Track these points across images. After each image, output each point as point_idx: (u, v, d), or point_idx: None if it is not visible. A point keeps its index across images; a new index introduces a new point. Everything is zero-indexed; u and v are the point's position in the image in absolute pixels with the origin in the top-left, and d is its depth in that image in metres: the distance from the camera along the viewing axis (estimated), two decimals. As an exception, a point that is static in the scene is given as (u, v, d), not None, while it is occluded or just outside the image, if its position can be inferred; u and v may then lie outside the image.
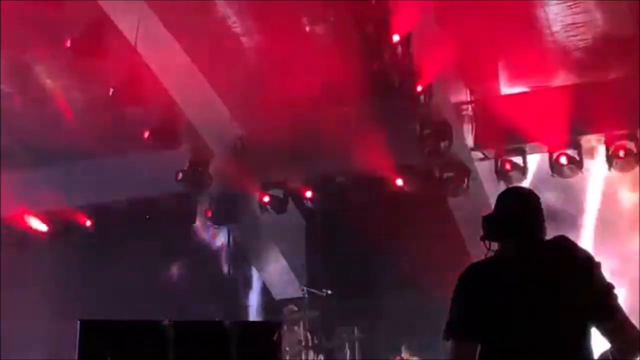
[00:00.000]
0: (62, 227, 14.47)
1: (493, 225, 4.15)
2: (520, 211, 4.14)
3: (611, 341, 3.97)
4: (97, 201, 14.17)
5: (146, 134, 12.56)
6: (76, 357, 5.32)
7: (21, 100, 13.46)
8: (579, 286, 3.94)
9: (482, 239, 4.14)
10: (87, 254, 14.42)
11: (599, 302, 3.96)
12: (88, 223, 14.28)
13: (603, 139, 11.72)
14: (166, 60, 12.26)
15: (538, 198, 4.22)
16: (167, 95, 12.43)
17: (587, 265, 4.02)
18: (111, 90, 11.98)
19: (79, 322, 5.39)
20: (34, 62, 12.97)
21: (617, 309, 3.98)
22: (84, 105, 13.35)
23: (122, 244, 14.07)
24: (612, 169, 11.68)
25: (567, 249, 4.06)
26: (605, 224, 12.15)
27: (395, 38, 10.96)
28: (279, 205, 13.48)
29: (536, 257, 4.04)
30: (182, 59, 12.43)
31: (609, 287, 4.01)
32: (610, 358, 3.97)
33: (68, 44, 11.49)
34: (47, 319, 13.74)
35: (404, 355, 11.80)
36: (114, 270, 13.77)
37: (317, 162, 12.64)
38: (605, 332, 3.97)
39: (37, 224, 14.46)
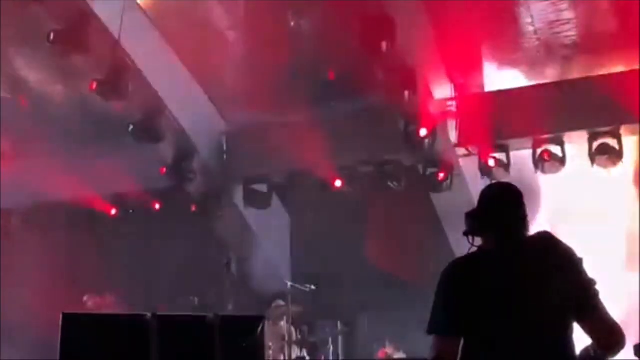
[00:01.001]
0: (44, 222, 14.39)
1: (476, 220, 4.16)
2: (502, 206, 4.15)
3: (592, 336, 3.99)
4: (80, 196, 14.09)
5: (130, 128, 12.49)
6: (58, 351, 5.29)
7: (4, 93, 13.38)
8: (561, 281, 3.95)
9: (465, 234, 4.16)
10: (71, 250, 14.34)
11: (580, 298, 3.97)
12: (69, 218, 14.18)
13: (586, 135, 11.78)
14: (150, 54, 12.22)
15: (520, 193, 4.23)
16: (151, 89, 12.38)
17: (569, 261, 4.04)
18: (94, 83, 11.91)
19: (61, 315, 5.35)
20: (16, 55, 12.88)
21: (598, 304, 4.00)
22: (66, 99, 13.30)
23: (106, 238, 14.05)
24: (595, 166, 11.74)
25: (550, 245, 4.07)
26: (590, 220, 12.21)
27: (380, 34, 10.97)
28: (263, 200, 13.47)
29: (519, 252, 4.05)
30: (166, 53, 12.39)
31: (591, 283, 4.02)
32: (591, 353, 4.00)
33: (51, 37, 11.41)
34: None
35: (388, 349, 11.83)
36: (96, 263, 13.74)
37: (301, 157, 12.63)
38: (586, 328, 3.99)
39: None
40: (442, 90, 12.32)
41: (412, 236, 12.59)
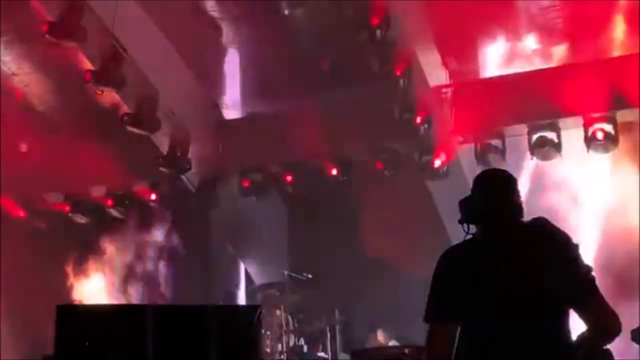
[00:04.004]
0: (41, 215, 14.36)
1: (470, 207, 4.15)
2: (497, 193, 4.14)
3: (587, 323, 4.00)
4: (76, 188, 14.07)
5: (125, 119, 12.44)
6: (54, 343, 5.26)
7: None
8: (557, 267, 3.95)
9: (461, 221, 4.15)
10: (69, 242, 14.33)
11: (577, 284, 3.97)
12: (68, 209, 14.13)
13: (582, 121, 11.77)
14: (144, 44, 12.17)
15: (515, 180, 4.22)
16: (145, 79, 12.34)
17: (566, 247, 4.03)
18: (88, 74, 11.86)
19: (56, 307, 5.33)
20: (8, 46, 12.82)
21: (594, 291, 4.00)
22: (61, 90, 13.26)
23: (102, 230, 14.05)
24: (590, 151, 11.73)
25: (546, 231, 4.07)
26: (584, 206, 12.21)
27: (374, 22, 10.95)
28: (259, 189, 13.45)
29: (514, 238, 4.05)
30: (160, 43, 12.34)
31: (587, 269, 4.02)
32: (587, 340, 3.99)
33: (45, 28, 11.34)
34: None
35: (380, 338, 11.82)
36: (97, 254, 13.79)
37: (298, 146, 12.62)
38: (582, 314, 4.00)
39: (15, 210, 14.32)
40: (438, 78, 12.28)
41: (408, 224, 12.58)
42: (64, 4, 11.34)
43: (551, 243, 4.02)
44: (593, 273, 4.02)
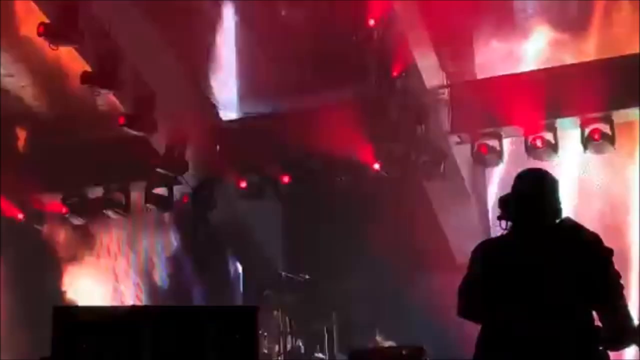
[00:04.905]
0: (39, 216, 14.35)
1: (508, 205, 4.19)
2: (534, 194, 4.17)
3: (604, 326, 4.02)
4: (73, 189, 14.06)
5: (121, 120, 12.42)
6: (51, 345, 5.26)
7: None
8: (582, 270, 3.99)
9: (499, 218, 4.22)
10: (68, 243, 14.32)
11: (600, 289, 4.00)
12: (66, 210, 14.12)
13: (578, 121, 11.77)
14: (141, 45, 12.17)
15: (556, 181, 4.26)
16: (142, 80, 12.34)
17: (597, 252, 4.07)
18: (85, 75, 11.85)
19: (52, 308, 5.33)
20: (7, 47, 12.83)
21: (619, 297, 4.02)
22: (58, 91, 13.27)
23: (99, 231, 14.05)
24: (587, 152, 11.74)
25: (577, 235, 4.10)
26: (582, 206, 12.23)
27: (371, 22, 10.96)
28: (255, 190, 13.44)
29: (546, 238, 4.09)
30: (157, 44, 12.34)
31: (614, 276, 4.05)
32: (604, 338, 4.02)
33: (41, 29, 11.33)
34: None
35: (378, 339, 11.81)
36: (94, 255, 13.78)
37: (294, 146, 12.62)
38: (602, 317, 4.03)
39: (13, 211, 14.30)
40: (434, 78, 12.30)
41: (405, 224, 12.58)
42: (61, 4, 11.33)
43: (580, 246, 4.05)
44: (622, 281, 4.05)
